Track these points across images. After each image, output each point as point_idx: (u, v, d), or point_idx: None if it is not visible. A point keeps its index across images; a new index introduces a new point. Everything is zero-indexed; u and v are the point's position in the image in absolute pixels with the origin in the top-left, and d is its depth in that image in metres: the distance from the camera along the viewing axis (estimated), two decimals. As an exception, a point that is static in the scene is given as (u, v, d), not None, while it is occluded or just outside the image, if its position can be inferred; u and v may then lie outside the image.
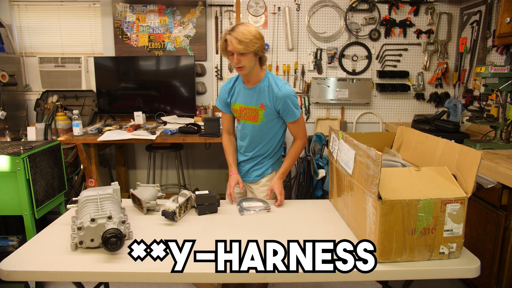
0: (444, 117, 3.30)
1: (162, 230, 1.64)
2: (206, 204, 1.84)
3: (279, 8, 3.81)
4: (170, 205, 1.72)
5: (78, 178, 3.79)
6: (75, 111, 3.18)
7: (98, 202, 1.57)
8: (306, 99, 4.00)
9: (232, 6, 3.83)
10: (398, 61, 3.94)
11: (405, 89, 3.91)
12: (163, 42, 3.90)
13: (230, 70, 3.92)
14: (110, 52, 3.93)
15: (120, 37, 3.88)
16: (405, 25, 3.85)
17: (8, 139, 3.53)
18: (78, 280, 1.39)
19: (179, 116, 3.85)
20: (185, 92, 3.80)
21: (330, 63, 3.91)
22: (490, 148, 2.62)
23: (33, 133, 3.49)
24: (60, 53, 3.97)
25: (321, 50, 3.90)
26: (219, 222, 1.75)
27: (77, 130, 3.13)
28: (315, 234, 1.60)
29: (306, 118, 4.03)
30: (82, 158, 3.24)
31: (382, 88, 3.92)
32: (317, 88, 3.92)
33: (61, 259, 1.39)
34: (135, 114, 3.67)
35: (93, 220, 1.41)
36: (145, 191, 1.92)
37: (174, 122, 3.59)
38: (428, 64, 3.91)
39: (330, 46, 3.90)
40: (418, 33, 3.86)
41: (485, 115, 2.80)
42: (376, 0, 3.80)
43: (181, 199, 1.78)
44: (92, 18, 3.93)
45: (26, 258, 1.40)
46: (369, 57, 3.92)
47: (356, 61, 3.93)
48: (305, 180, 3.51)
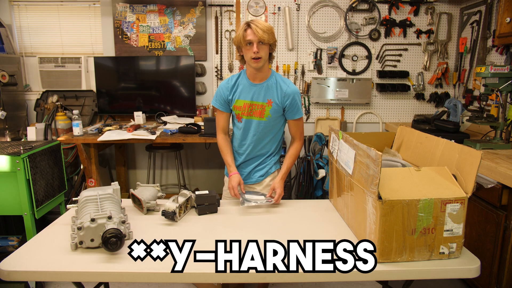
0: (444, 117, 3.30)
1: (162, 230, 1.64)
2: (206, 204, 1.84)
3: (279, 8, 3.81)
4: (170, 205, 1.72)
5: (78, 178, 3.79)
6: (75, 111, 3.18)
7: (98, 202, 1.57)
8: (306, 99, 4.00)
9: (232, 6, 3.83)
10: (398, 61, 3.94)
11: (405, 89, 3.91)
12: (163, 42, 3.90)
13: (230, 70, 3.92)
14: (110, 52, 3.93)
15: (120, 37, 3.88)
16: (405, 25, 3.85)
17: (8, 139, 3.53)
18: (78, 280, 1.39)
19: (179, 116, 3.85)
20: (185, 92, 3.80)
21: (330, 63, 3.91)
22: (490, 148, 2.62)
23: (33, 133, 3.50)
24: (60, 53, 3.97)
25: (321, 50, 3.90)
26: (219, 222, 1.75)
27: (77, 130, 3.13)
28: (315, 234, 1.60)
29: (306, 118, 4.03)
30: (82, 158, 3.24)
31: (382, 88, 3.92)
32: (317, 88, 3.92)
33: (61, 259, 1.39)
34: (135, 114, 3.67)
35: (93, 220, 1.41)
36: (145, 191, 1.92)
37: (174, 122, 3.59)
38: (428, 64, 3.91)
39: (330, 46, 3.90)
40: (418, 33, 3.87)
41: (485, 115, 2.80)
42: (376, 0, 3.80)
43: (181, 199, 1.78)
44: (92, 18, 3.93)
45: (26, 258, 1.40)
46: (369, 57, 3.92)
47: (356, 61, 3.93)
48: (305, 180, 3.51)
